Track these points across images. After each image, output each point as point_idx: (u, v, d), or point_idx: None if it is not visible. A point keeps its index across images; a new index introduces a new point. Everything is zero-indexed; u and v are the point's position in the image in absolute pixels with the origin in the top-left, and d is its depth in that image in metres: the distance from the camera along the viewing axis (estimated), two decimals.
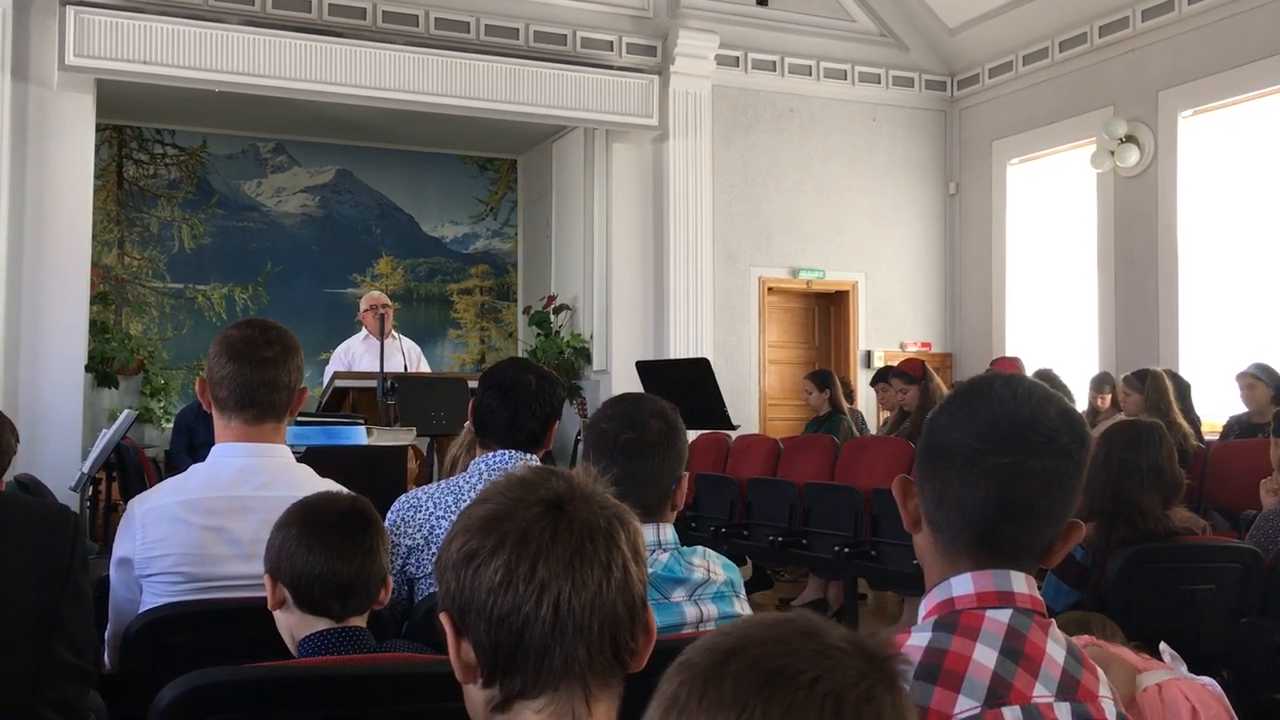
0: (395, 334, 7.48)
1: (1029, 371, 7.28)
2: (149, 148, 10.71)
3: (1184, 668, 2.12)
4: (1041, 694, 1.24)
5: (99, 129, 8.96)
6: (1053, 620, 1.31)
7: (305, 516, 1.92)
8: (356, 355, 7.78)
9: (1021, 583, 1.31)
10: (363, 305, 7.83)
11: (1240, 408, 6.95)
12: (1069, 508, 1.34)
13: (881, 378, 7.86)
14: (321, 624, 1.89)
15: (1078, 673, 1.28)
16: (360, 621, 1.93)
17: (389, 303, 7.65)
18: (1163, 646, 2.20)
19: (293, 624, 1.91)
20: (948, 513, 1.33)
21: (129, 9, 8.12)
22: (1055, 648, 1.28)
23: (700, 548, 2.16)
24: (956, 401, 1.38)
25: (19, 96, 7.98)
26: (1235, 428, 6.84)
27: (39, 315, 8.05)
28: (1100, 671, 1.32)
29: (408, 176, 11.61)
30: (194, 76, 8.25)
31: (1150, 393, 6.23)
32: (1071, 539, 1.36)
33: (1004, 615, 1.27)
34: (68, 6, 7.89)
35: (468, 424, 3.79)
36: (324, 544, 1.88)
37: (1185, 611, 3.17)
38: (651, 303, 9.80)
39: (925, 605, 1.33)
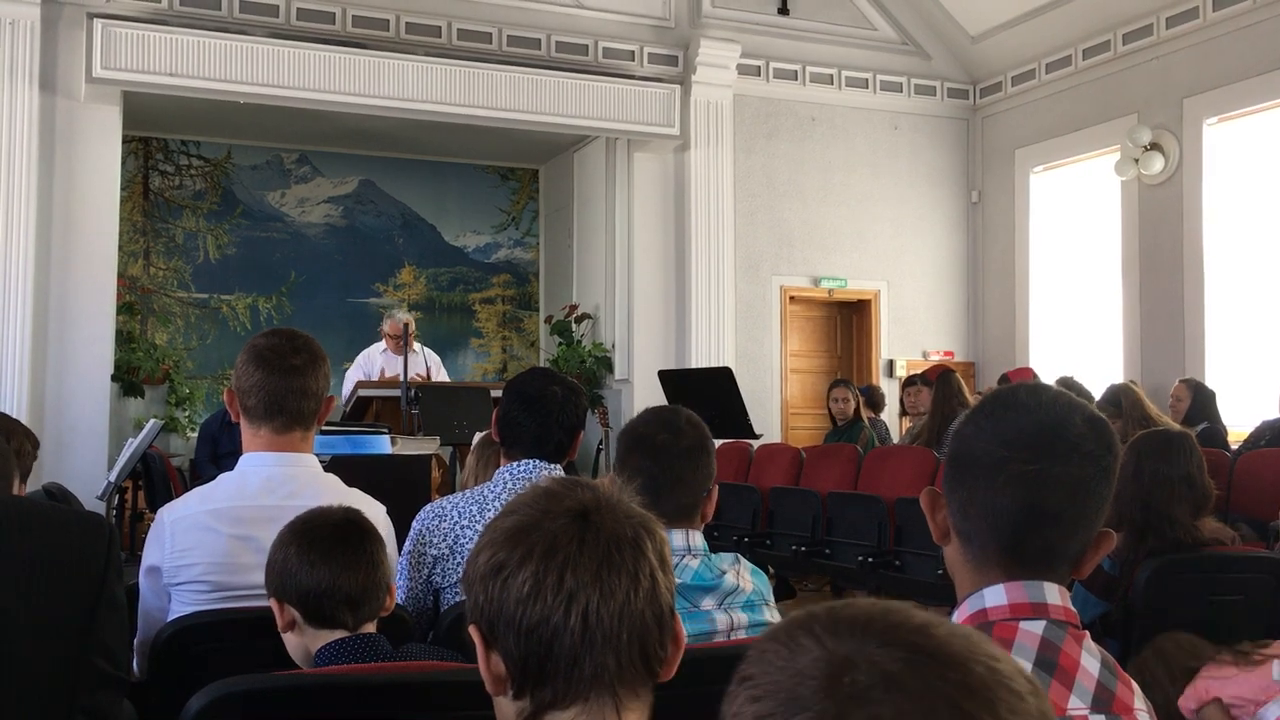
0: (416, 345, 7.51)
1: (1046, 380, 7.22)
2: (174, 159, 10.81)
3: None
4: (1076, 707, 1.23)
5: (125, 140, 9.04)
6: (1086, 632, 1.30)
7: (302, 534, 1.91)
8: (376, 366, 7.83)
9: (1054, 594, 1.30)
10: (385, 328, 7.86)
11: (1271, 413, 6.80)
12: (1098, 516, 1.33)
13: (910, 383, 7.96)
14: (336, 635, 1.89)
15: (1112, 685, 1.27)
16: (372, 629, 1.93)
17: (410, 324, 7.63)
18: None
19: (306, 642, 1.90)
20: (975, 522, 1.33)
21: (155, 22, 8.21)
22: (1089, 659, 1.27)
23: (733, 554, 2.18)
24: (982, 410, 1.38)
25: (47, 108, 8.07)
26: (1266, 434, 6.65)
27: (66, 325, 8.12)
28: (1134, 684, 1.31)
29: (430, 186, 11.67)
30: (219, 88, 8.33)
31: (1129, 411, 6.00)
32: (1102, 548, 1.35)
33: (1037, 627, 1.26)
34: (95, 19, 7.98)
35: (478, 437, 3.80)
36: (326, 558, 1.87)
37: (1214, 623, 3.13)
38: (673, 312, 9.80)
39: (957, 617, 1.32)
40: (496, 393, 4.74)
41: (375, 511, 2.31)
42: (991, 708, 0.63)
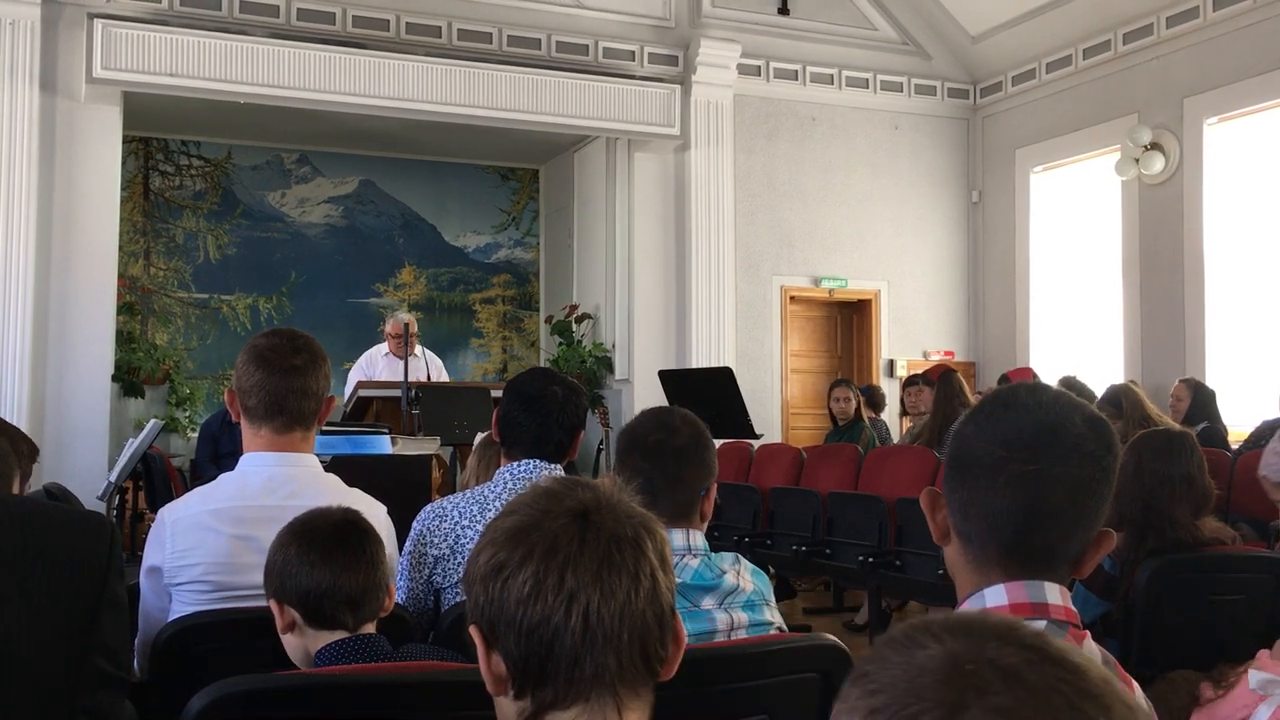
0: (418, 349, 7.50)
1: (1047, 380, 7.21)
2: (175, 159, 10.81)
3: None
4: None
5: (126, 141, 9.04)
6: (1086, 632, 1.30)
7: (301, 535, 1.91)
8: (379, 369, 7.81)
9: (1055, 594, 1.30)
10: (386, 328, 7.85)
11: (1271, 413, 6.80)
12: (1098, 515, 1.33)
13: (911, 382, 7.95)
14: (336, 636, 1.89)
15: None
16: (371, 629, 1.93)
17: (411, 324, 7.63)
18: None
19: (306, 643, 1.90)
20: (975, 522, 1.33)
21: (156, 22, 8.21)
22: None
23: (733, 554, 2.18)
24: (982, 410, 1.38)
25: (47, 109, 8.07)
26: (1267, 433, 6.63)
27: (66, 325, 8.12)
28: (1136, 685, 1.31)
29: (430, 186, 11.67)
30: (219, 88, 8.33)
31: (1130, 411, 6.00)
32: (1103, 548, 1.35)
33: (1037, 627, 1.26)
34: (96, 20, 7.98)
35: (479, 437, 3.80)
36: (326, 558, 1.88)
37: (1214, 623, 3.14)
38: (673, 311, 9.80)
39: None
40: (497, 393, 4.74)
41: (375, 512, 2.31)
42: (1108, 713, 0.64)
